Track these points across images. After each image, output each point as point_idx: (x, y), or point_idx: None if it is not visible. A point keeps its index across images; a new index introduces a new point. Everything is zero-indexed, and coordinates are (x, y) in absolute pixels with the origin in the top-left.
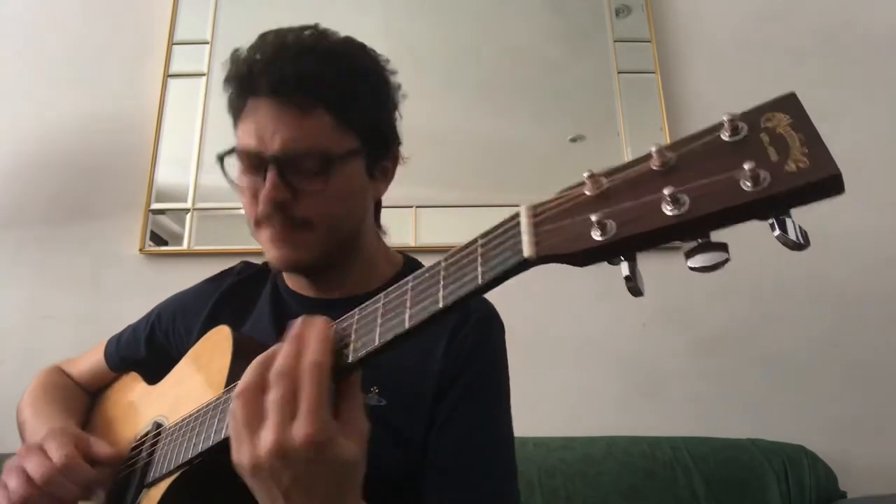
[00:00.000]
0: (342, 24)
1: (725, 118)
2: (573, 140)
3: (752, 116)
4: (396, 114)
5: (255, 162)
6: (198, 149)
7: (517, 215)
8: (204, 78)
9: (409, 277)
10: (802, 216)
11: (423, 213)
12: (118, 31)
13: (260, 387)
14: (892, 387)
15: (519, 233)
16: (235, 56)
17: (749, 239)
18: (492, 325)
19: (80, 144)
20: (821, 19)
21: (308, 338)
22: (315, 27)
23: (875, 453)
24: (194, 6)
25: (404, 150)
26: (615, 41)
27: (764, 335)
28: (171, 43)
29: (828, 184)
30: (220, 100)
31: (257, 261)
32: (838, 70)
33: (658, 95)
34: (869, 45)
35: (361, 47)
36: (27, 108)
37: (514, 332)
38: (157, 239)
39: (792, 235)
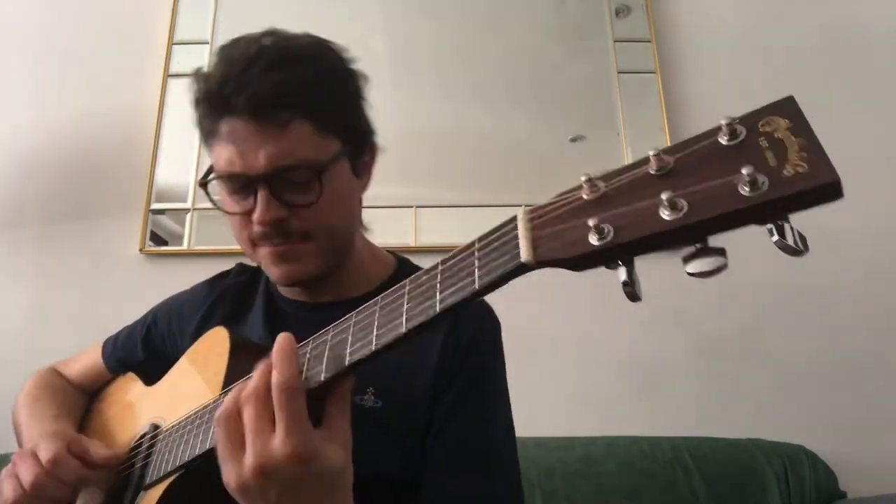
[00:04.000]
0: (342, 23)
1: (723, 122)
2: (573, 140)
3: (751, 120)
4: (367, 105)
5: (241, 184)
6: (198, 149)
7: (514, 219)
8: None
9: (406, 281)
10: (801, 215)
11: (423, 213)
12: (118, 31)
13: (237, 411)
14: (892, 387)
15: (516, 237)
16: (201, 76)
17: (748, 239)
18: (487, 323)
19: (80, 144)
20: (821, 19)
21: (274, 358)
22: (273, 32)
23: (875, 453)
24: (194, 6)
25: (403, 149)
26: (615, 41)
27: (764, 335)
28: (171, 43)
29: (826, 189)
30: None
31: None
32: (838, 70)
33: (658, 95)
34: (869, 45)
35: (325, 45)
36: (27, 108)
37: (513, 333)
38: (157, 239)
39: (790, 241)
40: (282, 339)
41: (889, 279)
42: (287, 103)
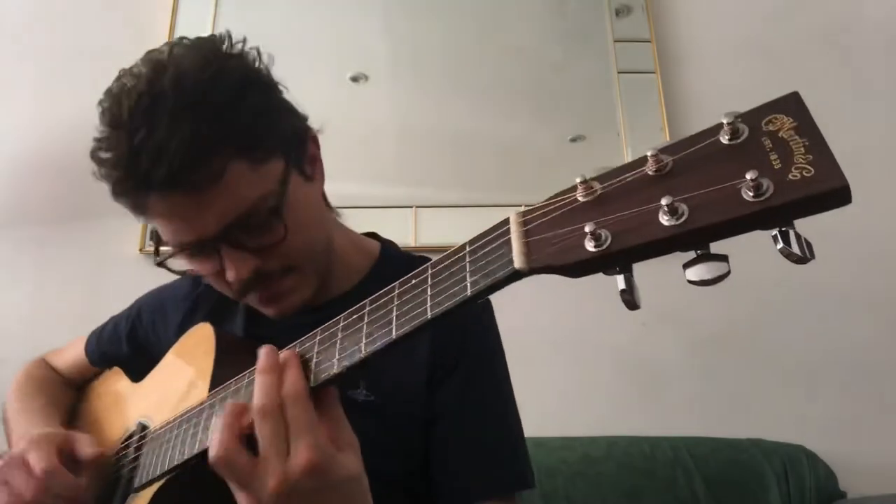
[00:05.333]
0: (342, 24)
1: (725, 120)
2: (573, 140)
3: (753, 118)
4: (285, 95)
5: (198, 250)
6: None
7: (506, 222)
8: None
9: (396, 284)
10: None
11: (423, 213)
12: (118, 31)
13: (242, 438)
14: (892, 387)
15: (509, 241)
16: (100, 158)
17: (748, 238)
18: (481, 308)
19: (81, 144)
20: (821, 19)
21: (280, 371)
22: (150, 63)
23: (875, 453)
24: (194, 6)
25: (403, 149)
26: (615, 41)
27: (764, 335)
28: None
29: (834, 195)
30: None
31: None
32: (838, 70)
33: (658, 95)
34: (869, 45)
35: (218, 59)
36: (27, 108)
37: (513, 332)
38: (158, 239)
39: (795, 248)
40: (287, 352)
41: (889, 279)
42: (210, 159)
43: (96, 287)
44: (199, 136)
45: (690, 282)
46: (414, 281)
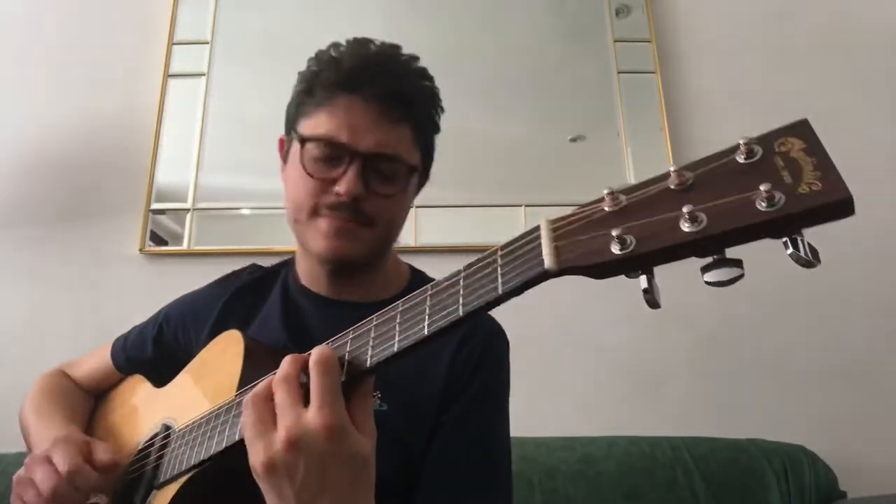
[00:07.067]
0: (342, 23)
1: (741, 141)
2: (573, 140)
3: (767, 140)
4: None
5: (337, 153)
6: (198, 149)
7: (538, 228)
8: (204, 78)
9: (428, 286)
10: None
11: (423, 213)
12: (118, 31)
13: (269, 393)
14: (892, 387)
15: (539, 245)
16: (329, 54)
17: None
18: (499, 340)
19: (80, 144)
20: (821, 19)
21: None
22: (392, 45)
23: (875, 453)
24: (194, 6)
25: None
26: (615, 41)
27: (764, 335)
28: (171, 43)
29: (839, 206)
30: (220, 100)
31: (261, 261)
32: (838, 70)
33: (658, 95)
34: (869, 45)
35: (428, 72)
36: (27, 109)
37: (513, 333)
38: (157, 239)
39: (803, 254)
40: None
41: (889, 279)
42: (406, 106)
43: (96, 287)
44: (411, 87)
45: (708, 283)
46: (446, 283)
